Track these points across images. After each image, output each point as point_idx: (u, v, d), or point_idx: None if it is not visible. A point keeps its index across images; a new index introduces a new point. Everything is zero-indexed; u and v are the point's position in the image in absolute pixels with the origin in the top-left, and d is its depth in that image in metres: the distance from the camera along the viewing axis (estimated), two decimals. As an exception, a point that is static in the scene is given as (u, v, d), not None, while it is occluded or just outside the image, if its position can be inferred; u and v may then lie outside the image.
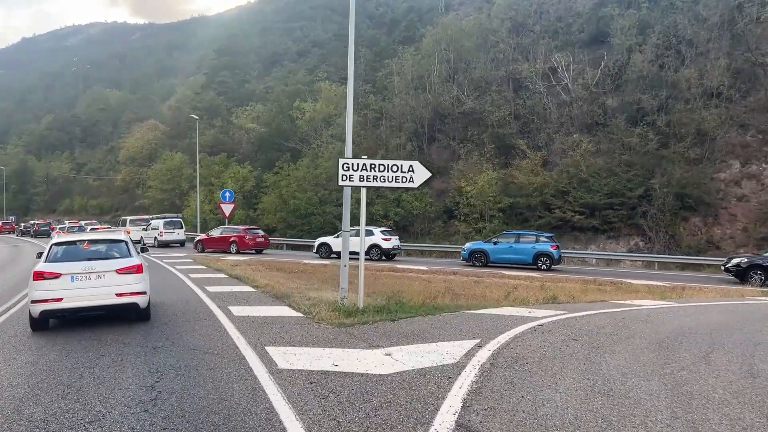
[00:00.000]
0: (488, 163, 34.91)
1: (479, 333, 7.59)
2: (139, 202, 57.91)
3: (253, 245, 28.95)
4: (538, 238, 23.61)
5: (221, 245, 28.74)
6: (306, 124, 47.65)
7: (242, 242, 28.35)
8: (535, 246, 23.07)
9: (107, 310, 8.66)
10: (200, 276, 15.80)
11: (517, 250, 23.22)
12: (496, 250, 23.61)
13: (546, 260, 22.60)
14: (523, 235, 24.30)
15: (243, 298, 11.40)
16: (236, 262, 21.65)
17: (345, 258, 9.98)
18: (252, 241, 28.86)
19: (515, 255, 23.17)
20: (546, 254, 22.75)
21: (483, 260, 23.57)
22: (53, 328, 8.66)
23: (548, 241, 23.32)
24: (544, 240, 23.35)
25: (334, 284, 14.86)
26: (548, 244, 23.09)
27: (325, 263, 21.85)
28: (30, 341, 7.85)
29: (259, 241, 29.43)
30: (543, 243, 23.16)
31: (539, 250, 22.83)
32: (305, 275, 17.84)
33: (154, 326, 8.52)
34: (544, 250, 22.85)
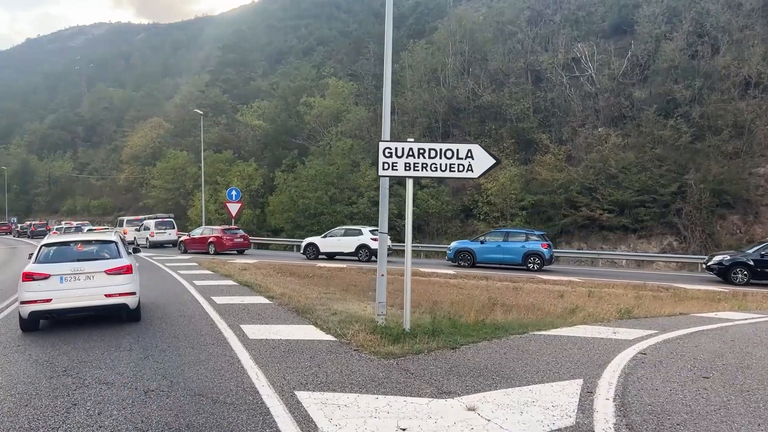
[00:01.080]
0: (508, 159, 32.99)
1: (575, 368, 5.77)
2: (142, 202, 56.24)
3: (231, 246, 27.81)
4: (528, 236, 22.06)
5: (201, 246, 27.88)
6: (314, 120, 45.84)
7: (220, 243, 27.33)
8: (524, 245, 21.49)
9: (97, 311, 8.66)
10: (206, 283, 14.02)
11: (505, 250, 21.68)
12: (484, 249, 22.02)
13: (536, 260, 21.07)
14: (513, 233, 22.74)
15: (257, 312, 9.59)
16: (245, 265, 19.87)
17: (382, 265, 8.16)
18: (230, 242, 27.74)
19: (503, 255, 21.67)
20: (536, 254, 21.18)
21: (470, 260, 21.94)
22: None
23: (539, 239, 21.76)
24: (535, 238, 21.79)
25: (357, 292, 13.09)
26: (539, 242, 21.52)
27: (342, 266, 20.05)
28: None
29: (238, 241, 28.24)
30: (533, 242, 21.58)
31: (529, 250, 21.27)
32: (322, 281, 16.05)
33: (149, 354, 6.74)
34: (535, 249, 21.25)
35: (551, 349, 6.58)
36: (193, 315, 9.45)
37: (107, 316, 9.01)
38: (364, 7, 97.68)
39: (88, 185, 70.69)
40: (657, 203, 27.94)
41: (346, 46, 71.79)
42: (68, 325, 8.85)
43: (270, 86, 65.24)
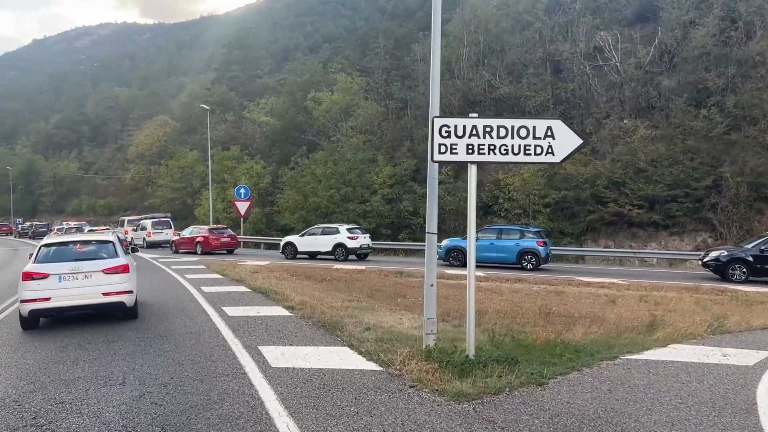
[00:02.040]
0: (529, 153, 31.33)
1: (715, 414, 4.28)
2: (148, 201, 55.03)
3: (218, 245, 27.05)
4: (523, 233, 20.93)
5: (190, 246, 27.29)
6: (323, 115, 44.41)
7: (206, 243, 26.68)
8: (519, 243, 20.37)
9: (94, 309, 8.87)
10: (215, 290, 12.59)
11: (498, 248, 20.54)
12: (476, 247, 20.37)
13: (531, 259, 20.00)
14: (506, 230, 21.62)
15: (277, 328, 8.13)
16: (256, 267, 18.45)
17: (431, 273, 6.67)
18: (216, 242, 27.02)
19: (497, 253, 20.51)
20: (531, 252, 20.09)
21: (461, 259, 20.56)
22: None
23: (534, 236, 20.63)
24: (530, 236, 20.67)
25: (385, 299, 11.63)
26: (534, 240, 20.41)
27: (360, 268, 18.57)
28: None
29: (225, 241, 27.43)
30: (528, 239, 20.45)
31: (524, 248, 20.17)
32: (342, 285, 14.59)
33: (145, 391, 5.28)
34: (529, 247, 20.16)
35: (665, 384, 5.09)
36: (202, 331, 8.02)
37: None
38: (369, 4, 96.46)
39: (94, 185, 69.66)
40: (690, 198, 26.31)
41: (352, 42, 70.54)
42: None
43: (277, 82, 63.91)
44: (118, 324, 8.83)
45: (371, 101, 43.28)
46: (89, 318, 9.10)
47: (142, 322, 8.23)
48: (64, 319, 9.08)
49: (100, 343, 7.48)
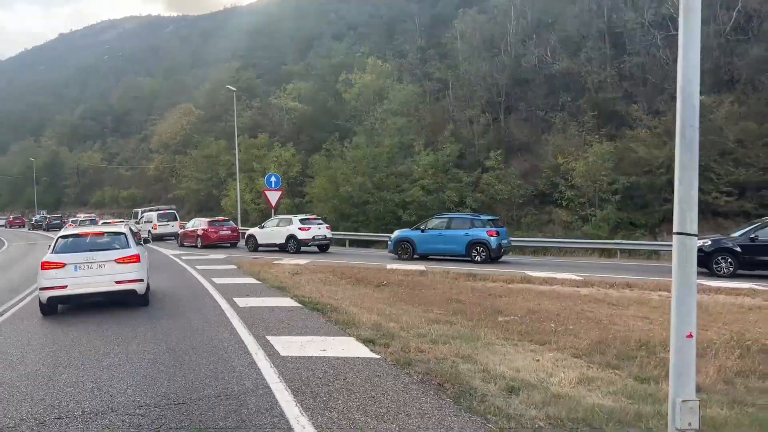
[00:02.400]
0: (592, 135, 27.88)
1: None
2: (172, 193, 52.78)
3: (217, 239, 26.02)
4: (473, 222, 19.00)
5: (192, 240, 26.55)
6: (355, 98, 41.32)
7: (205, 236, 25.86)
8: (468, 233, 18.55)
9: (108, 296, 9.44)
10: (252, 303, 9.65)
11: (447, 239, 18.92)
12: (424, 238, 19.37)
13: (481, 251, 18.11)
14: (456, 219, 19.77)
15: (365, 390, 4.92)
16: (295, 268, 15.53)
17: (688, 315, 3.49)
18: (215, 234, 26.03)
19: (445, 245, 18.99)
20: (481, 243, 18.17)
21: (409, 251, 19.46)
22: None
23: (483, 226, 18.60)
24: (479, 224, 18.71)
25: (478, 316, 8.56)
26: (483, 230, 18.43)
27: (420, 269, 15.45)
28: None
29: (224, 234, 26.35)
30: (477, 229, 18.54)
31: (473, 238, 18.32)
32: (407, 291, 11.57)
33: None
34: (478, 237, 18.26)
35: None
36: (244, 398, 4.94)
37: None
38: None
39: (117, 176, 67.90)
40: (790, 183, 22.66)
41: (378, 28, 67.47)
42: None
43: (304, 68, 61.02)
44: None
45: (405, 83, 39.97)
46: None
47: (152, 369, 5.46)
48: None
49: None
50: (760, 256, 14.41)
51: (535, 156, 32.26)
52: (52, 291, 8.85)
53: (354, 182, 30.20)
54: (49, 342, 7.44)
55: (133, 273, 9.24)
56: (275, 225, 23.62)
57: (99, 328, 8.12)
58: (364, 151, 31.81)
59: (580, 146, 27.78)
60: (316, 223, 23.35)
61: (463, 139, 33.14)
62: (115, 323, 8.40)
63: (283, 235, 22.61)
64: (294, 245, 22.24)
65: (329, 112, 43.88)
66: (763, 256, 14.40)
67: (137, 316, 8.96)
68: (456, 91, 37.05)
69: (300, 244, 22.17)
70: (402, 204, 29.37)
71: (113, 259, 9.18)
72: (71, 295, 8.98)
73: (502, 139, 33.04)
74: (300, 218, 23.05)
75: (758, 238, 14.41)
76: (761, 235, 14.46)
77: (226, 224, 27.23)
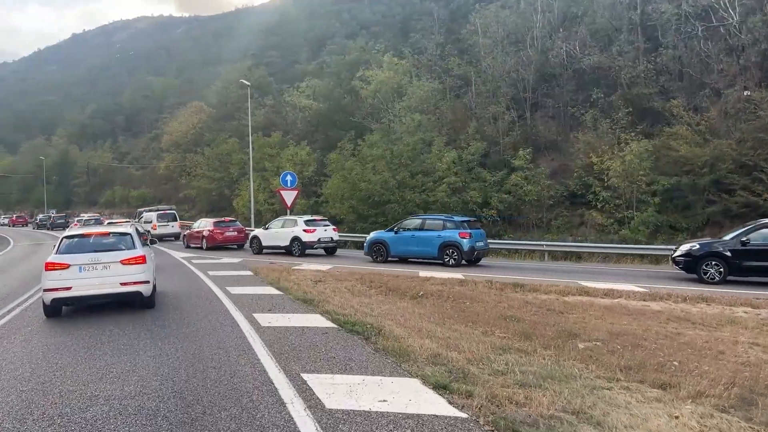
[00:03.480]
0: (627, 133, 26.13)
1: None
2: (183, 192, 51.53)
3: (222, 240, 25.13)
4: (445, 223, 18.09)
5: (197, 241, 25.77)
6: (372, 95, 39.76)
7: (210, 238, 24.96)
8: (440, 234, 17.72)
9: (113, 298, 9.21)
10: (277, 322, 8.08)
11: (420, 240, 18.09)
12: (398, 240, 18.57)
13: (453, 253, 17.22)
14: (430, 220, 18.91)
15: None
16: (318, 275, 14.02)
17: None
18: (220, 236, 25.08)
19: (417, 247, 18.17)
20: (452, 245, 17.28)
21: (383, 254, 18.68)
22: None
23: (455, 227, 17.68)
24: (451, 226, 17.81)
25: (554, 342, 6.97)
26: (455, 231, 17.52)
27: (459, 277, 13.84)
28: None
29: (230, 235, 25.38)
30: (449, 230, 17.69)
31: (445, 240, 17.46)
32: (451, 305, 10.04)
33: None
34: (450, 239, 17.36)
35: None
36: None
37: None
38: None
39: (128, 175, 66.85)
40: None
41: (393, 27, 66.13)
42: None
43: (318, 66, 59.68)
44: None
45: (424, 80, 38.34)
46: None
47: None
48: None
49: None
50: (751, 261, 13.09)
51: (563, 155, 30.59)
52: (56, 292, 8.66)
53: (374, 180, 28.64)
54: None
55: (139, 274, 9.03)
56: (280, 226, 22.41)
57: (90, 355, 6.64)
58: (382, 149, 30.25)
59: (613, 144, 26.11)
60: (322, 224, 22.06)
61: (487, 137, 31.50)
62: (110, 349, 6.91)
63: (288, 237, 21.38)
64: (298, 248, 21.00)
65: (345, 109, 42.37)
66: (755, 261, 13.07)
67: (140, 336, 7.48)
68: (478, 87, 35.42)
69: (305, 247, 20.96)
70: (424, 204, 27.78)
71: (119, 260, 8.96)
72: (75, 296, 8.78)
73: (528, 137, 31.37)
74: (305, 219, 21.81)
75: (750, 241, 13.12)
76: (753, 239, 13.17)
77: (233, 225, 26.33)
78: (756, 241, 13.12)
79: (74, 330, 8.08)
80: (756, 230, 13.39)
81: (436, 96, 37.35)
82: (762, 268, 13.11)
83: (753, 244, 13.09)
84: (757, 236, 13.21)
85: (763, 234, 13.23)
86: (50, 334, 7.94)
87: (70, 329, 8.19)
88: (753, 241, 13.13)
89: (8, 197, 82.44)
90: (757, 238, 13.16)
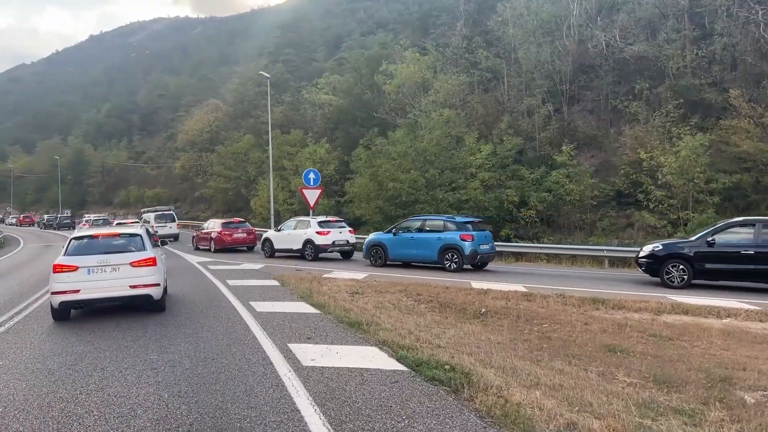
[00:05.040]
0: (678, 127, 23.92)
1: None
2: (199, 192, 50.04)
3: (231, 242, 23.93)
4: (446, 224, 16.52)
5: (206, 242, 24.63)
6: (396, 90, 37.84)
7: (219, 240, 23.75)
8: (440, 237, 16.12)
9: (122, 301, 8.91)
10: (322, 359, 6.11)
11: (419, 243, 16.51)
12: (396, 243, 16.99)
13: (454, 257, 15.59)
14: (430, 220, 17.27)
15: None
16: (353, 285, 12.13)
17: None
18: (229, 238, 23.86)
19: (417, 250, 16.57)
20: (453, 248, 15.64)
21: (381, 257, 17.16)
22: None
23: (457, 229, 15.98)
24: (452, 227, 16.15)
25: (699, 393, 4.97)
26: (456, 233, 15.84)
27: (521, 289, 11.80)
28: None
29: (239, 237, 24.15)
30: (450, 232, 16.05)
31: (445, 243, 15.87)
32: (528, 328, 8.09)
33: None
34: (451, 242, 15.76)
35: None
36: None
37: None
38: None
39: (143, 175, 65.67)
40: None
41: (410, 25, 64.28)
42: None
43: (336, 63, 57.91)
44: None
45: (449, 74, 36.32)
46: None
47: None
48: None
49: None
50: (716, 263, 12.01)
51: (604, 151, 28.45)
52: (64, 295, 8.43)
53: (404, 179, 26.73)
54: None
55: (149, 277, 8.77)
56: (292, 228, 20.83)
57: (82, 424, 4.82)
58: (406, 146, 28.31)
59: (663, 139, 23.95)
60: (337, 226, 20.29)
61: (521, 132, 29.41)
62: (105, 401, 5.06)
63: (300, 240, 19.76)
64: (311, 251, 19.31)
65: (366, 105, 40.51)
66: (720, 263, 11.98)
67: (144, 384, 5.62)
68: (510, 79, 33.32)
69: (318, 251, 19.23)
70: (457, 204, 25.79)
71: (128, 262, 8.70)
72: (84, 299, 8.53)
73: (566, 132, 29.23)
74: (318, 221, 20.10)
75: (716, 242, 12.08)
76: (720, 240, 12.12)
77: (242, 226, 25.03)
78: (723, 242, 12.04)
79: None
80: (724, 229, 12.33)
81: (464, 90, 35.37)
82: (727, 271, 11.98)
83: (719, 245, 12.02)
84: (725, 236, 12.16)
85: (733, 234, 12.19)
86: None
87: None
88: (720, 241, 12.06)
89: (24, 197, 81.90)
90: (725, 239, 12.10)
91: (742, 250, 11.77)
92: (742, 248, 11.77)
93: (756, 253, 11.57)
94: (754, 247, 11.64)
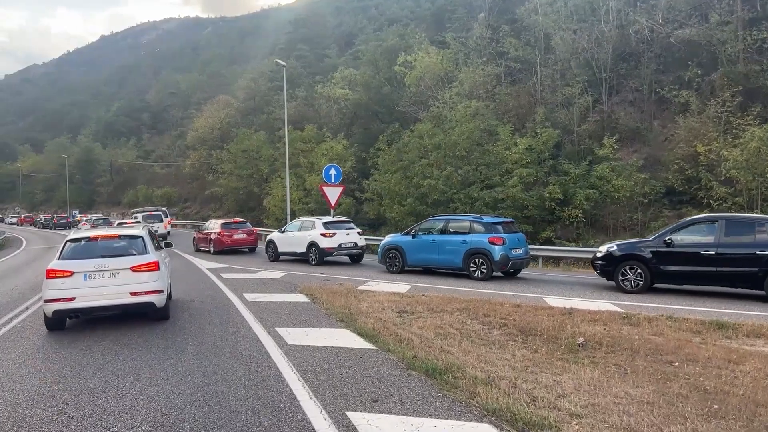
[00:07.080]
0: (738, 118, 21.52)
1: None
2: (209, 191, 48.08)
3: (231, 243, 22.81)
4: (472, 225, 14.24)
5: (205, 243, 23.72)
6: (416, 82, 35.65)
7: (218, 241, 22.72)
8: (465, 239, 13.93)
9: (122, 310, 8.36)
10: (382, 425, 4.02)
11: (441, 247, 14.32)
12: (415, 246, 14.90)
13: (481, 264, 13.48)
14: (454, 221, 14.95)
15: None
16: (398, 303, 9.93)
17: None
18: (228, 239, 22.78)
19: (438, 255, 14.39)
20: (480, 253, 13.52)
21: (398, 263, 15.09)
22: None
23: (486, 231, 13.80)
24: (480, 228, 13.96)
25: None
26: (484, 236, 13.68)
27: (617, 310, 9.54)
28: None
29: (238, 238, 22.99)
30: (477, 234, 13.87)
31: (471, 247, 13.69)
32: (654, 368, 5.84)
33: None
34: (478, 246, 13.58)
35: None
36: None
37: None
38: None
39: (152, 174, 63.97)
40: None
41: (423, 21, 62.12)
42: None
43: (351, 57, 55.85)
44: None
45: (473, 66, 34.03)
46: None
47: None
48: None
49: None
50: (674, 265, 10.78)
51: (648, 144, 26.07)
52: (58, 303, 7.74)
53: (437, 175, 24.54)
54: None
55: (151, 283, 8.12)
56: (297, 229, 19.30)
57: None
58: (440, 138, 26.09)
59: (721, 131, 21.58)
60: (344, 227, 18.43)
61: (558, 124, 27.08)
62: None
63: (304, 242, 18.27)
64: (316, 255, 17.76)
65: (385, 99, 38.34)
66: (678, 265, 10.75)
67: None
68: (544, 69, 30.96)
69: (323, 254, 17.69)
70: (493, 203, 23.50)
71: (128, 267, 8.07)
72: (80, 308, 7.87)
73: (606, 125, 26.88)
74: (324, 221, 18.48)
75: (674, 242, 10.88)
76: (678, 239, 10.92)
77: (242, 227, 23.80)
78: (681, 242, 10.83)
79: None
80: (684, 227, 11.14)
81: (492, 81, 33.10)
82: (685, 274, 10.74)
83: (678, 245, 10.81)
84: (685, 235, 10.95)
85: (692, 232, 10.97)
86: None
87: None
88: (678, 241, 10.86)
89: (33, 197, 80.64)
90: (684, 238, 10.88)
91: (701, 250, 10.48)
92: (702, 248, 10.49)
93: (717, 254, 10.26)
94: (714, 248, 10.33)
